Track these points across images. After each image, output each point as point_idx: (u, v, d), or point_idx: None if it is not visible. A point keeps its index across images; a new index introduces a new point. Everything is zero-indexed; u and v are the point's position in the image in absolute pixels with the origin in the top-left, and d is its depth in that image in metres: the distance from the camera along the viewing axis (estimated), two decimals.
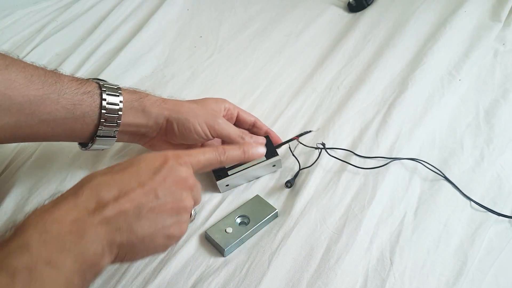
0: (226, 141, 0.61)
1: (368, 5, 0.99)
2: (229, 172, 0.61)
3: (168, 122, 0.57)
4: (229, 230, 0.56)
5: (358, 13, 0.99)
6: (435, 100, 0.74)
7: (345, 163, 0.63)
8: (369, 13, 0.97)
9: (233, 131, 0.59)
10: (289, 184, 0.61)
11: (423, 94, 0.75)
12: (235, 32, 0.98)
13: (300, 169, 0.63)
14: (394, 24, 0.92)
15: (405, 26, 0.90)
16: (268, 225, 0.58)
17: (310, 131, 0.68)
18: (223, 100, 0.64)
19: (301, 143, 0.66)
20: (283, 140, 0.67)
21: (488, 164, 0.64)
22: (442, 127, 0.70)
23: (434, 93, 0.75)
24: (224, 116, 0.63)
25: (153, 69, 0.89)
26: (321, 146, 0.64)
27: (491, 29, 0.86)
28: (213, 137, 0.60)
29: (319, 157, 0.63)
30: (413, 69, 0.79)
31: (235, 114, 0.65)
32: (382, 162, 0.63)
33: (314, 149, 0.65)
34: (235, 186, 0.63)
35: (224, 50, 0.93)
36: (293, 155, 0.64)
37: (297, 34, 0.95)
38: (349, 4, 1.01)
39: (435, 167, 0.63)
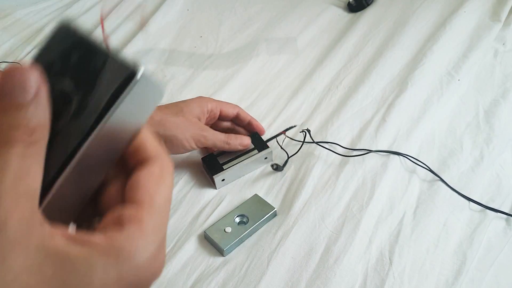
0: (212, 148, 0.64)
1: (368, 5, 0.99)
2: (224, 167, 0.62)
3: None
4: (228, 229, 0.56)
5: (358, 13, 0.99)
6: (434, 100, 0.74)
7: (332, 152, 0.65)
8: (369, 13, 0.97)
9: (218, 140, 0.62)
10: (275, 165, 0.63)
11: (423, 94, 0.75)
12: (235, 32, 0.98)
13: (288, 157, 0.65)
14: (394, 24, 0.92)
15: (404, 26, 0.90)
16: (267, 224, 0.58)
17: (295, 126, 0.71)
18: (205, 102, 0.65)
19: (288, 136, 0.68)
20: (266, 130, 0.71)
21: (488, 163, 0.64)
22: (441, 127, 0.70)
23: (433, 93, 0.75)
24: (207, 118, 0.65)
25: (153, 69, 0.89)
26: (306, 131, 0.67)
27: (491, 29, 0.86)
28: (199, 148, 0.62)
29: (304, 141, 0.65)
30: (412, 69, 0.79)
31: (218, 113, 0.66)
32: (376, 156, 0.63)
33: (300, 142, 0.66)
34: (231, 181, 0.63)
35: (224, 50, 0.93)
36: (281, 147, 0.66)
37: (297, 34, 0.95)
38: (349, 4, 1.01)
39: (418, 160, 0.63)
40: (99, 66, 0.21)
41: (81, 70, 0.21)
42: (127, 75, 0.20)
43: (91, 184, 0.23)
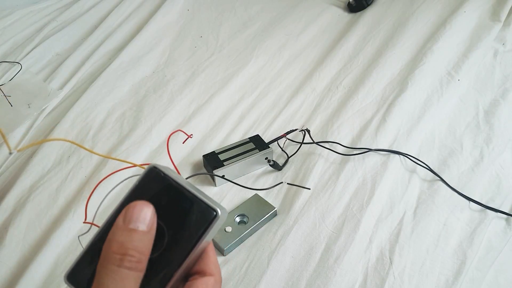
0: None
1: (368, 5, 0.99)
2: (225, 163, 0.63)
3: None
4: (229, 229, 0.56)
5: (358, 13, 0.99)
6: (434, 100, 0.74)
7: (332, 152, 0.65)
8: (369, 13, 0.97)
9: None
10: (272, 161, 0.64)
11: (423, 94, 0.75)
12: (235, 32, 0.99)
13: (288, 158, 0.65)
14: (394, 24, 0.92)
15: (404, 26, 0.90)
16: (267, 224, 0.58)
17: (296, 129, 0.70)
18: None
19: (288, 139, 0.68)
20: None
21: (488, 163, 0.64)
22: (441, 127, 0.70)
23: (433, 93, 0.75)
24: None
25: (153, 69, 0.89)
26: (305, 131, 0.68)
27: (491, 29, 0.86)
28: None
29: (303, 142, 0.66)
30: (412, 69, 0.79)
31: None
32: (377, 155, 0.63)
33: (299, 143, 0.67)
34: (231, 180, 0.63)
35: (224, 50, 0.93)
36: (282, 149, 0.67)
37: (297, 34, 0.95)
38: (349, 4, 1.01)
39: (418, 159, 0.64)
40: (187, 207, 0.26)
41: (172, 210, 0.26)
42: (212, 216, 0.26)
43: None
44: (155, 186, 0.27)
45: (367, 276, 0.51)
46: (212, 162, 0.64)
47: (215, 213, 0.26)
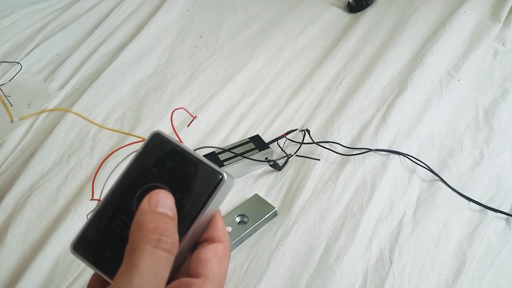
0: None
1: (368, 5, 0.99)
2: (225, 164, 0.63)
3: None
4: (229, 229, 0.56)
5: (357, 14, 0.99)
6: (434, 100, 0.74)
7: (332, 152, 0.65)
8: (368, 14, 0.97)
9: None
10: (272, 162, 0.64)
11: (422, 94, 0.75)
12: (235, 32, 0.99)
13: (288, 158, 0.65)
14: (394, 24, 0.92)
15: (404, 27, 0.90)
16: (267, 224, 0.58)
17: (296, 130, 0.70)
18: None
19: (288, 139, 0.68)
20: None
21: (488, 163, 0.64)
22: (441, 127, 0.70)
23: (433, 93, 0.75)
24: None
25: (153, 69, 0.89)
26: (305, 131, 0.68)
27: (491, 29, 0.86)
28: None
29: (303, 142, 0.66)
30: (412, 69, 0.79)
31: None
32: (377, 155, 0.64)
33: (299, 143, 0.67)
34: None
35: (224, 50, 0.93)
36: (281, 149, 0.67)
37: (297, 34, 0.95)
38: (348, 4, 1.01)
39: (418, 159, 0.64)
40: (192, 172, 0.26)
41: (177, 175, 0.26)
42: (218, 180, 0.26)
43: (181, 259, 0.27)
44: (159, 151, 0.26)
45: (367, 276, 0.51)
46: (210, 161, 0.64)
47: (220, 176, 0.25)
